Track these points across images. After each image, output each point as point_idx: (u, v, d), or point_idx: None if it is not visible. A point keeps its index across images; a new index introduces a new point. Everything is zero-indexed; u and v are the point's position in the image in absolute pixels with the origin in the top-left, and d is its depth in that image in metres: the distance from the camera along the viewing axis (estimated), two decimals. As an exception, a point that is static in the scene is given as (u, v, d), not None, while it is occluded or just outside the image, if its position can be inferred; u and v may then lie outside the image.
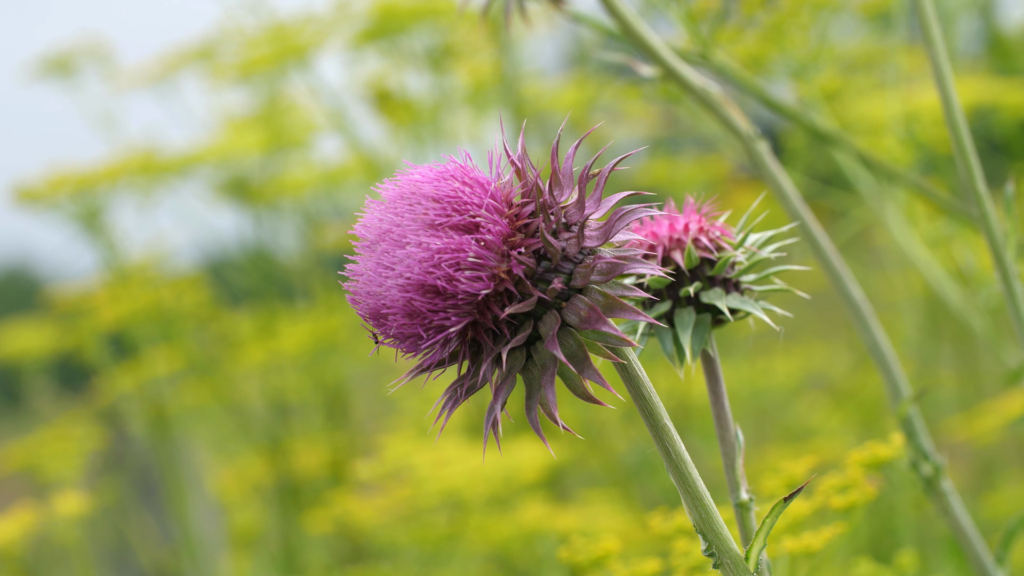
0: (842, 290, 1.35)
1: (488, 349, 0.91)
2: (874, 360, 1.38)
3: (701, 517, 0.97)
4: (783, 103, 1.70)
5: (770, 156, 1.31)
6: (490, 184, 0.91)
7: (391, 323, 0.91)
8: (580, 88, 2.80)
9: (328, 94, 2.91)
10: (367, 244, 0.92)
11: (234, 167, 3.12)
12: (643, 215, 0.91)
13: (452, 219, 0.89)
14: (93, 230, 3.06)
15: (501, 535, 2.40)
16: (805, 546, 1.37)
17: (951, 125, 1.27)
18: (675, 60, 1.31)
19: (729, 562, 0.98)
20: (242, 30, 2.96)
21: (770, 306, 1.05)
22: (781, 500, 0.99)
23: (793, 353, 3.07)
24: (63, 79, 3.18)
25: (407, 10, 2.76)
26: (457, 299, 0.89)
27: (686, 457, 0.96)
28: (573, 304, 0.91)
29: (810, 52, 1.91)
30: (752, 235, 1.06)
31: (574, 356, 0.91)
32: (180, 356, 3.12)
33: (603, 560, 1.42)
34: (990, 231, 1.28)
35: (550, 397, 0.91)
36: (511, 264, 0.90)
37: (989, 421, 2.44)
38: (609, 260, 0.91)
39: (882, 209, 1.99)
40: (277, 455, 3.01)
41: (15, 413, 4.06)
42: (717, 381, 1.07)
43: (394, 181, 0.92)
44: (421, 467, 2.29)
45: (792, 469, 1.45)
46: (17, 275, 9.75)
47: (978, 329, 2.05)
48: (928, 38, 1.26)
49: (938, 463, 1.37)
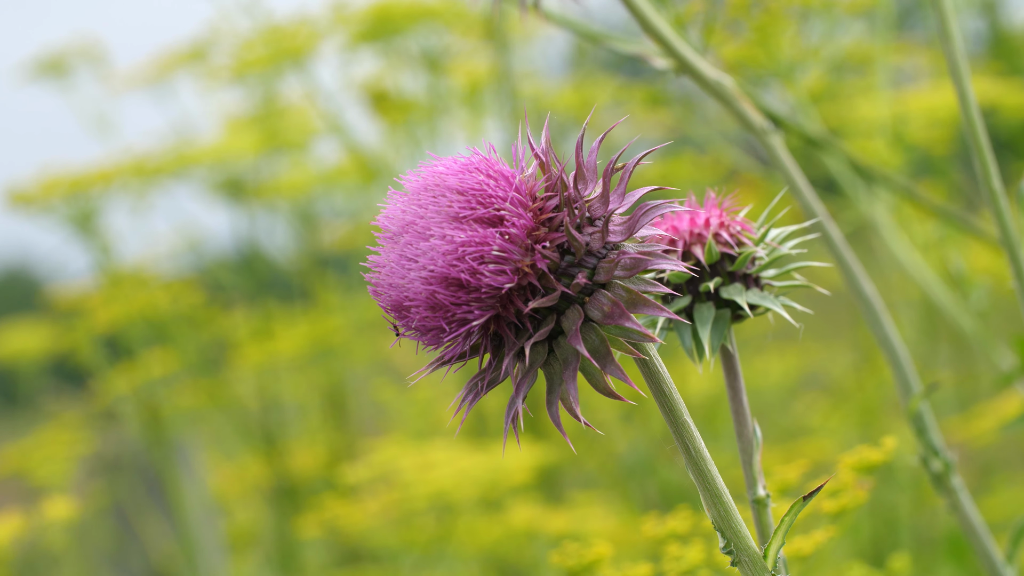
0: (854, 285, 1.34)
1: (510, 343, 0.91)
2: (886, 355, 1.38)
3: (720, 514, 0.97)
4: (771, 108, 1.70)
5: (783, 150, 1.31)
6: (515, 177, 0.90)
7: (413, 315, 0.90)
8: (578, 89, 2.80)
9: (324, 95, 2.91)
10: (390, 235, 0.91)
11: (229, 168, 3.12)
12: (667, 210, 0.91)
13: (476, 212, 0.89)
14: (87, 232, 3.05)
15: (491, 537, 2.40)
16: (795, 550, 1.36)
17: (967, 121, 1.27)
18: (690, 53, 1.31)
19: (747, 560, 0.98)
20: (237, 31, 2.96)
21: (790, 302, 1.04)
22: (800, 499, 0.99)
23: (789, 353, 3.07)
24: (57, 80, 3.17)
25: (403, 11, 2.75)
26: (480, 292, 0.89)
27: (706, 454, 0.96)
28: (596, 299, 0.90)
29: (796, 53, 1.91)
30: (772, 230, 1.05)
31: (597, 351, 0.91)
32: (176, 358, 3.11)
33: (594, 565, 1.42)
34: (1005, 229, 1.28)
35: (572, 392, 0.91)
36: (535, 258, 0.89)
37: (985, 423, 2.44)
38: (633, 255, 0.90)
39: (871, 212, 1.99)
40: (275, 457, 3.00)
41: (12, 414, 4.05)
42: (736, 377, 1.07)
43: (417, 172, 0.92)
44: (407, 470, 2.29)
45: (784, 473, 1.45)
46: (16, 276, 9.74)
47: (969, 331, 2.05)
48: (946, 33, 1.26)
49: (948, 459, 1.37)
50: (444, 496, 2.26)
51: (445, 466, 2.28)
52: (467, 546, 2.42)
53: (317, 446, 3.06)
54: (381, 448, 2.39)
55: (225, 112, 3.23)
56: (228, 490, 3.11)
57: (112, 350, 3.22)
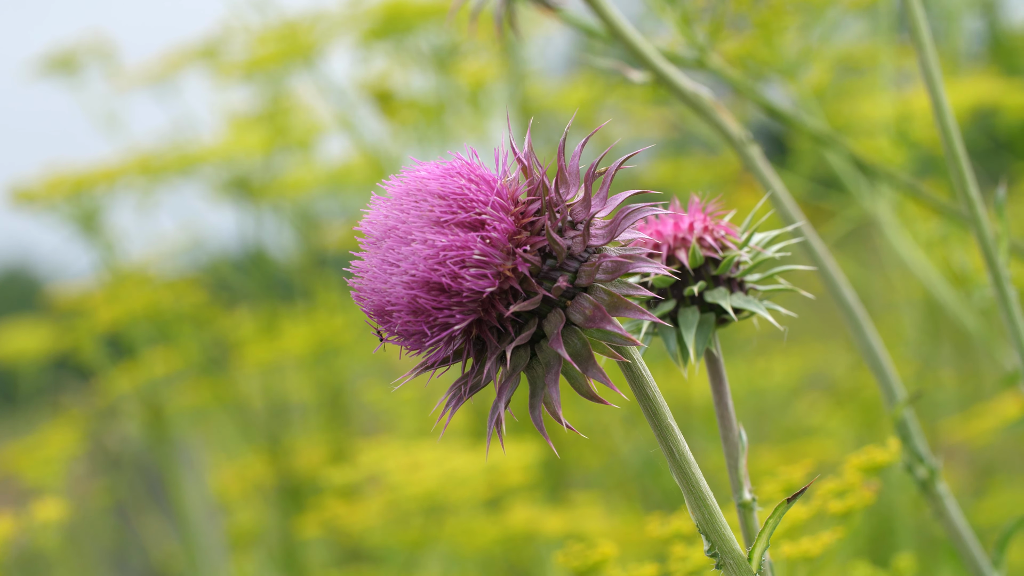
0: (835, 293, 1.35)
1: (492, 347, 0.91)
2: (868, 363, 1.38)
3: (704, 517, 0.97)
4: (777, 105, 1.70)
5: (762, 160, 1.31)
6: (496, 181, 0.90)
7: (395, 320, 0.90)
8: (585, 88, 2.80)
9: (333, 93, 2.91)
10: (372, 240, 0.92)
11: (236, 166, 3.12)
12: (649, 214, 0.91)
13: (458, 216, 0.89)
14: (91, 231, 3.05)
15: (488, 538, 2.40)
16: (803, 551, 1.36)
17: (941, 129, 1.27)
18: (665, 64, 1.31)
19: (732, 563, 0.98)
20: (248, 28, 2.96)
21: (774, 306, 1.04)
22: (784, 501, 0.99)
23: (792, 353, 3.07)
24: (66, 77, 3.18)
25: (415, 9, 2.75)
26: (462, 297, 0.89)
27: (690, 457, 0.96)
28: (578, 303, 0.90)
29: (800, 51, 1.91)
30: (756, 235, 1.06)
31: (578, 355, 0.91)
32: (179, 357, 3.12)
33: (599, 565, 1.42)
34: (981, 234, 1.28)
35: (554, 396, 0.91)
36: (516, 262, 0.89)
37: (986, 423, 2.44)
38: (614, 259, 0.91)
39: (874, 209, 1.99)
40: (277, 455, 3.01)
41: (11, 415, 4.05)
42: (721, 381, 1.07)
43: (400, 177, 0.92)
44: (394, 472, 2.28)
45: (790, 474, 1.45)
46: (16, 275, 9.75)
47: (972, 330, 2.05)
48: (918, 42, 1.26)
49: (933, 466, 1.37)
50: (432, 497, 2.26)
51: (433, 467, 2.28)
52: (465, 546, 2.42)
53: (320, 445, 3.06)
54: (369, 449, 2.39)
55: (231, 110, 3.24)
56: (230, 489, 3.11)
57: (115, 349, 3.22)
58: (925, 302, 2.71)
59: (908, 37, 1.29)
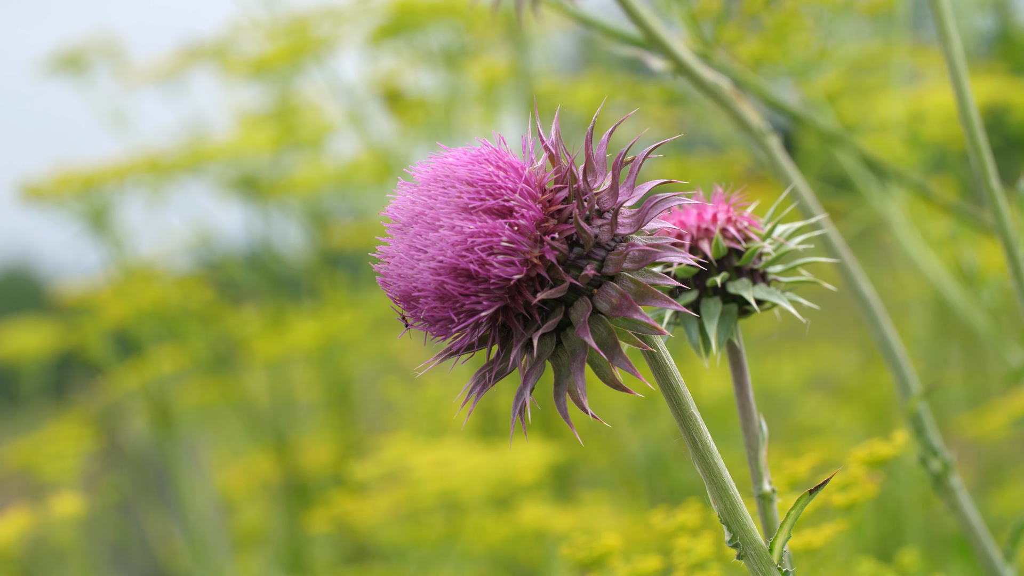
0: (852, 286, 1.35)
1: (518, 334, 0.91)
2: (884, 356, 1.38)
3: (726, 507, 0.97)
4: (784, 103, 1.70)
5: (781, 151, 1.31)
6: (524, 169, 0.90)
7: (422, 306, 0.90)
8: (592, 87, 2.80)
9: (342, 91, 2.91)
10: (399, 226, 0.92)
11: (245, 165, 3.12)
12: (675, 203, 0.91)
13: (486, 203, 0.89)
14: (100, 228, 3.05)
15: (500, 536, 2.40)
16: (806, 543, 1.36)
17: (965, 121, 1.27)
18: (687, 55, 1.31)
19: (753, 553, 0.98)
20: (257, 25, 2.96)
21: (797, 298, 1.04)
22: (806, 493, 0.99)
23: (800, 354, 3.07)
24: (75, 75, 3.18)
25: (425, 7, 2.76)
26: (489, 283, 0.89)
27: (712, 447, 0.96)
28: (604, 291, 0.90)
29: (813, 53, 1.91)
30: (779, 227, 1.06)
31: (604, 343, 0.91)
32: (186, 354, 3.12)
33: (604, 557, 1.42)
34: (1003, 227, 1.28)
35: (580, 384, 0.91)
36: (544, 249, 0.89)
37: (995, 419, 2.44)
38: (641, 248, 0.91)
39: (885, 209, 1.99)
40: (284, 453, 3.01)
41: (14, 414, 4.05)
42: (742, 372, 1.07)
43: (427, 164, 0.92)
44: (418, 468, 2.28)
45: (794, 468, 1.45)
46: (17, 275, 9.75)
47: (980, 328, 2.05)
48: (944, 34, 1.26)
49: (947, 459, 1.37)
50: (453, 494, 2.26)
51: (456, 464, 2.28)
52: (476, 544, 2.42)
53: (327, 442, 3.06)
54: (391, 445, 2.38)
55: (240, 108, 3.24)
56: (235, 487, 3.11)
57: (122, 346, 3.22)
58: (934, 300, 2.71)
59: (917, 35, 1.29)
